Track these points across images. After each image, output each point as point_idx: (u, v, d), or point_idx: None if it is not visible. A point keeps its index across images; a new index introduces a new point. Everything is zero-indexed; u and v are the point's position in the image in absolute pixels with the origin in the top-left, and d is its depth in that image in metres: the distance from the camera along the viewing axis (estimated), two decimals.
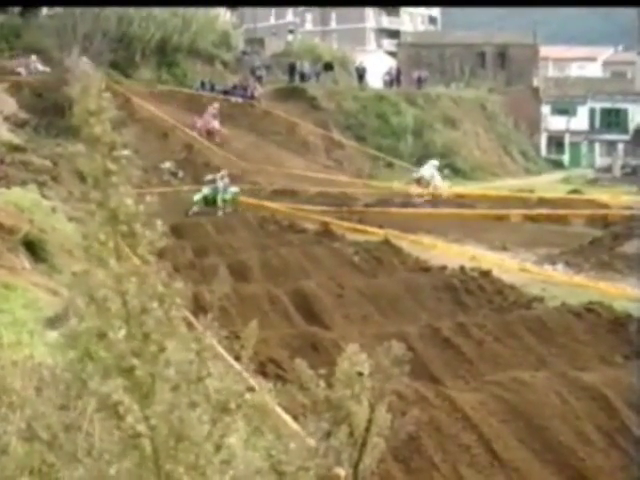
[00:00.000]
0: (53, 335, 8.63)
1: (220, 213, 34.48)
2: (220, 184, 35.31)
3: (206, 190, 35.36)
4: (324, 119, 57.13)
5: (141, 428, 2.06)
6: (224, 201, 35.07)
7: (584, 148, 78.31)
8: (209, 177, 36.24)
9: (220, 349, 5.98)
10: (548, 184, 54.25)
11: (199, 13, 61.62)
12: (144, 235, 2.12)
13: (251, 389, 2.64)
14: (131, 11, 56.93)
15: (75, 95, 2.06)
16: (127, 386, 2.06)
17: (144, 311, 2.06)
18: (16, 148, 32.47)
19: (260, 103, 56.00)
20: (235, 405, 2.29)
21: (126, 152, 2.25)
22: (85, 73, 2.02)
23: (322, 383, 2.78)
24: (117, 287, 2.06)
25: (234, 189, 36.07)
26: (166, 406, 2.09)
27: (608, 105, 78.13)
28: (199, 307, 2.56)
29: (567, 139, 78.59)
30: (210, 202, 35.00)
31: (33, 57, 49.24)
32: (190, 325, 2.40)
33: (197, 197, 35.39)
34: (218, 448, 2.21)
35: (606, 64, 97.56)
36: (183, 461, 2.10)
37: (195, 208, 34.71)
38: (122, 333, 2.05)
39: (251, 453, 2.49)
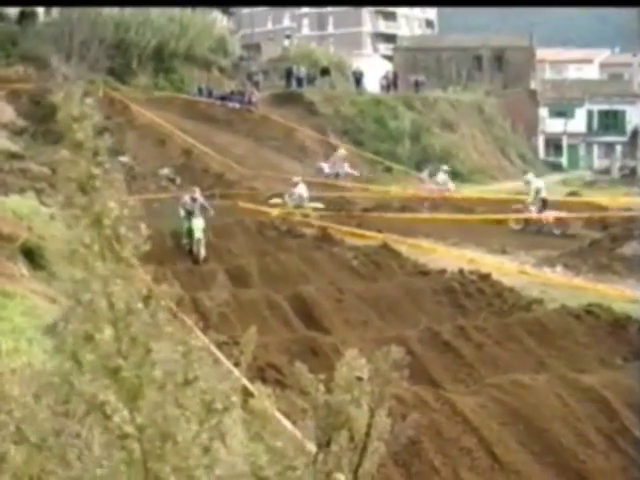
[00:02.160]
0: (51, 342, 8.64)
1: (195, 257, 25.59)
2: (195, 206, 26.04)
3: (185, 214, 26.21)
4: (321, 124, 57.08)
5: (128, 429, 2.07)
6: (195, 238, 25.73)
7: (582, 150, 78.36)
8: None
9: (219, 354, 5.98)
10: (546, 186, 54.24)
11: (196, 19, 61.63)
12: (128, 238, 2.13)
13: (250, 394, 2.64)
14: (128, 17, 56.98)
15: (58, 102, 2.07)
16: (114, 388, 2.07)
17: (130, 312, 2.07)
18: (14, 155, 32.51)
19: (257, 108, 55.98)
20: (222, 406, 2.29)
21: (125, 158, 2.26)
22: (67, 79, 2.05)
23: (322, 387, 2.78)
24: (103, 290, 2.06)
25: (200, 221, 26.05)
26: (153, 407, 2.09)
27: (605, 107, 78.21)
28: (198, 312, 2.54)
29: (565, 141, 78.65)
30: (187, 235, 26.16)
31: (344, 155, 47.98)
32: (188, 328, 2.40)
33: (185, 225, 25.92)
34: (206, 450, 2.21)
35: (603, 66, 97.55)
36: (170, 462, 2.10)
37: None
38: (108, 334, 2.06)
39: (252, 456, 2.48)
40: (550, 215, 31.58)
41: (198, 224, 25.61)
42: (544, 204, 32.28)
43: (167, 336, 2.17)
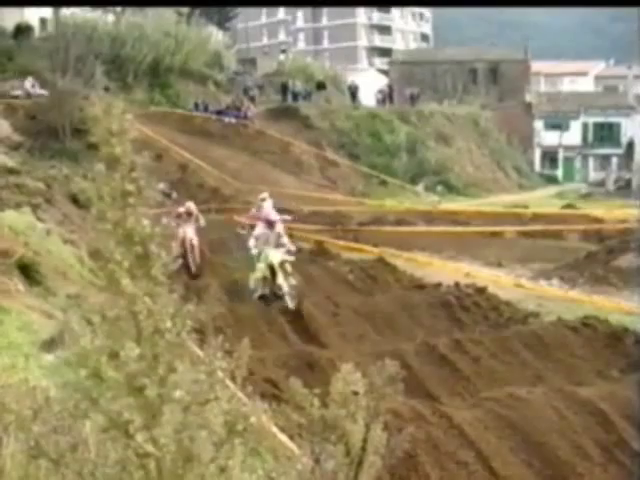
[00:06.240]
0: (48, 358, 8.60)
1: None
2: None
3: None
4: (317, 138, 57.15)
5: (149, 448, 2.06)
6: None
7: (578, 163, 78.45)
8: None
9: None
10: (542, 199, 54.31)
11: (191, 33, 61.71)
12: (159, 256, 2.13)
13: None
14: (123, 33, 57.10)
15: (98, 114, 2.08)
16: (136, 406, 2.07)
17: (156, 331, 2.07)
18: (10, 171, 32.37)
19: (253, 123, 56.01)
20: (242, 427, 2.29)
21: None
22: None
23: (317, 402, 2.77)
24: (130, 307, 2.06)
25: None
26: (174, 426, 2.09)
27: (601, 119, 78.34)
28: (194, 328, 2.53)
29: (561, 154, 78.72)
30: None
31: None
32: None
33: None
34: (223, 470, 2.21)
35: (598, 78, 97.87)
36: None
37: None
38: (135, 352, 2.06)
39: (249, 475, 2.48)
40: None
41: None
42: None
43: (192, 355, 2.18)
